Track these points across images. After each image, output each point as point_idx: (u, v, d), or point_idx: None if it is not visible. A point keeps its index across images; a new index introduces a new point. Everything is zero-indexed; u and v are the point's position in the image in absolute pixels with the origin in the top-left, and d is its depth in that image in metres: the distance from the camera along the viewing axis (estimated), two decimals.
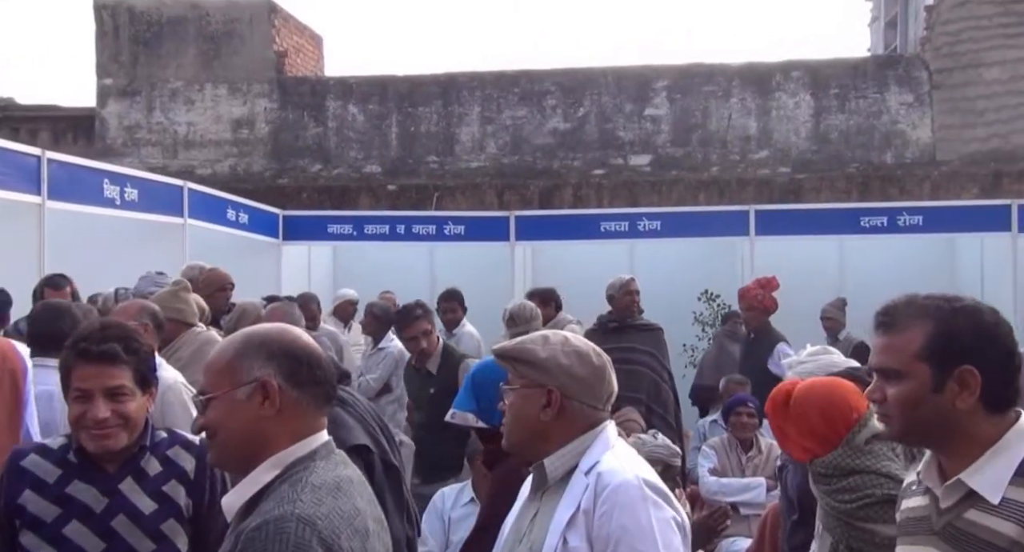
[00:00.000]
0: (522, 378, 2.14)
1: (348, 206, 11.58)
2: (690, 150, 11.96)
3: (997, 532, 1.72)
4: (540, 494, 2.14)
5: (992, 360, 1.78)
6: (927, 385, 1.79)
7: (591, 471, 2.05)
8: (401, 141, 12.45)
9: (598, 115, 12.13)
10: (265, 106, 12.63)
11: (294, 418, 1.78)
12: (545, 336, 2.20)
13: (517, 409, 2.14)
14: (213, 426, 1.81)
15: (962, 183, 11.07)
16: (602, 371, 2.16)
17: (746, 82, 11.90)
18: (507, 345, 2.20)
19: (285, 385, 1.77)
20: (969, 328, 1.80)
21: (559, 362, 2.12)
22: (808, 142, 11.77)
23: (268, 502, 1.71)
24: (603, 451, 2.09)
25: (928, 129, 11.58)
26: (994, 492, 1.74)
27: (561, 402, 2.10)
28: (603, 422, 2.15)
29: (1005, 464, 1.76)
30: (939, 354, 1.79)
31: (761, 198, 10.93)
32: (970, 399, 1.77)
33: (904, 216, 9.44)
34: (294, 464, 1.76)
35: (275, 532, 1.63)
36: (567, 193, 11.62)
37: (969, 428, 1.78)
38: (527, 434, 2.14)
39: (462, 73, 12.53)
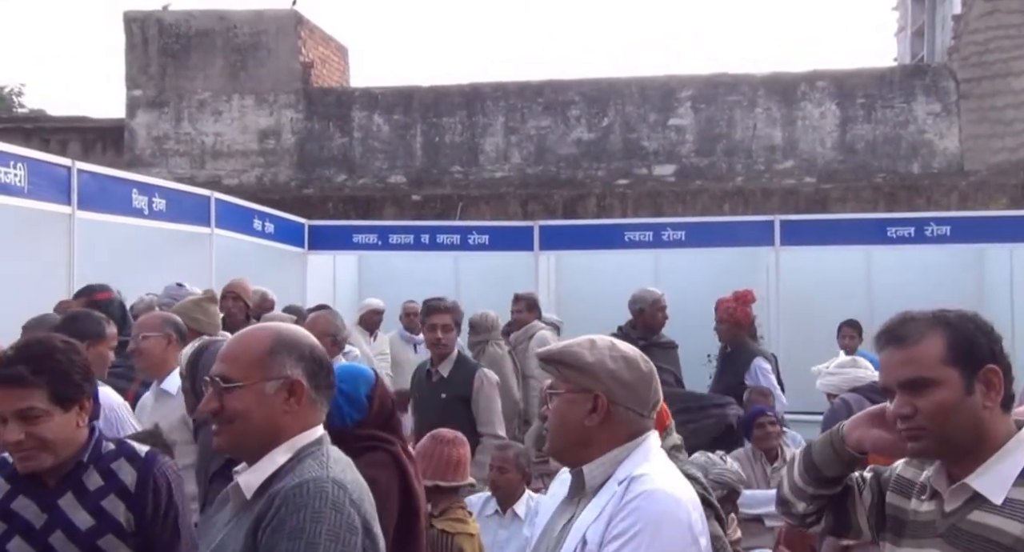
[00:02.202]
0: (567, 382, 2.10)
1: (373, 216, 11.63)
2: (715, 160, 11.92)
3: (1001, 531, 1.75)
4: (577, 500, 2.11)
5: (1002, 359, 1.84)
6: (960, 389, 1.80)
7: (625, 480, 2.01)
8: (426, 151, 12.51)
9: (622, 125, 12.12)
10: (291, 116, 12.73)
11: (307, 415, 1.95)
12: (592, 340, 2.14)
13: (562, 414, 2.11)
14: (232, 413, 1.91)
15: (990, 193, 10.96)
16: (650, 377, 2.14)
17: (771, 91, 11.86)
18: (553, 349, 2.17)
19: (308, 385, 1.94)
20: (980, 331, 1.84)
21: (607, 367, 2.08)
22: (834, 152, 11.71)
23: (298, 470, 1.86)
24: (642, 461, 2.05)
25: (956, 139, 11.48)
26: (998, 493, 1.77)
27: (608, 408, 2.06)
28: (647, 431, 2.12)
29: (1009, 467, 1.79)
30: (964, 356, 1.81)
31: (786, 208, 10.86)
32: (997, 398, 1.81)
33: (932, 226, 9.35)
34: (305, 448, 1.92)
35: (315, 490, 1.80)
36: (591, 203, 11.61)
37: (991, 429, 1.82)
38: (571, 439, 2.10)
39: (486, 83, 12.58)
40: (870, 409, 2.01)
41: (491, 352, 6.20)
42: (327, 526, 1.77)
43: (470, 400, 4.96)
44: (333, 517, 1.79)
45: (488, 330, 6.38)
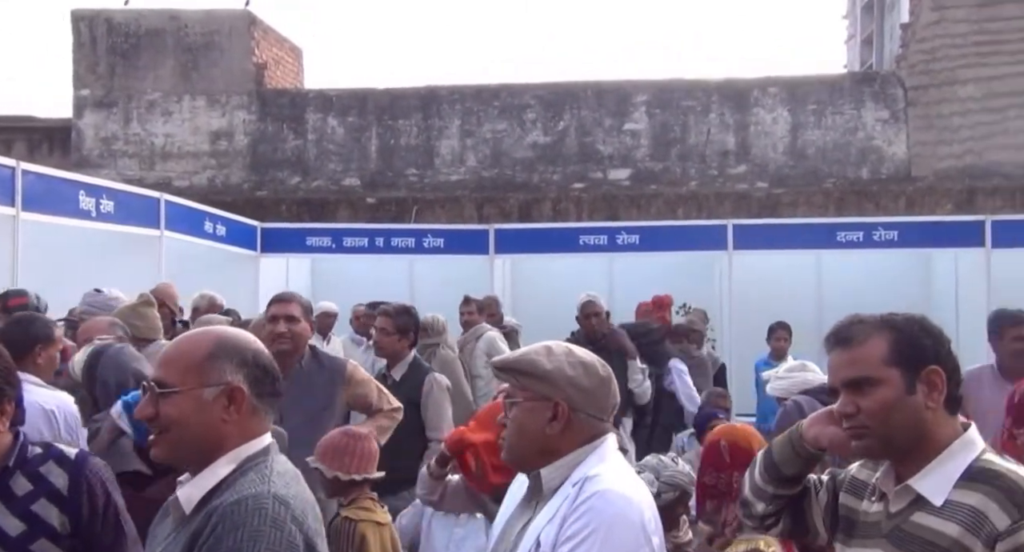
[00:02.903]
0: (526, 390, 2.08)
1: (327, 219, 11.55)
2: (669, 164, 12.02)
3: (940, 533, 1.78)
4: (534, 503, 2.09)
5: (947, 360, 1.87)
6: (901, 389, 1.84)
7: (579, 482, 2.01)
8: (381, 154, 12.45)
9: (578, 129, 12.18)
10: (244, 118, 12.59)
11: (250, 423, 1.85)
12: (548, 347, 2.12)
13: (521, 423, 2.08)
14: (167, 420, 1.81)
15: (937, 199, 11.19)
16: (608, 382, 2.13)
17: (724, 97, 11.99)
18: (509, 357, 2.15)
19: (250, 392, 1.84)
20: (925, 332, 1.88)
21: (566, 373, 2.06)
22: (786, 157, 11.87)
23: (238, 485, 1.77)
24: (597, 463, 2.04)
25: (903, 145, 11.70)
26: (939, 495, 1.81)
27: (568, 415, 2.05)
28: (605, 434, 2.11)
29: (951, 470, 1.82)
30: (906, 357, 1.85)
31: (739, 212, 10.99)
32: (939, 398, 1.84)
33: (880, 231, 9.52)
34: (250, 459, 1.82)
35: (254, 507, 1.71)
36: (546, 206, 11.64)
37: (934, 429, 1.85)
38: (532, 448, 2.07)
39: (442, 86, 12.56)
40: (829, 407, 2.03)
41: (441, 355, 6.18)
42: (265, 545, 1.68)
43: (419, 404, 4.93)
44: (272, 535, 1.70)
45: (438, 334, 6.36)
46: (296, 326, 4.08)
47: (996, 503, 1.75)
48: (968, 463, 1.82)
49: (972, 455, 1.84)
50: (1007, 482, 1.77)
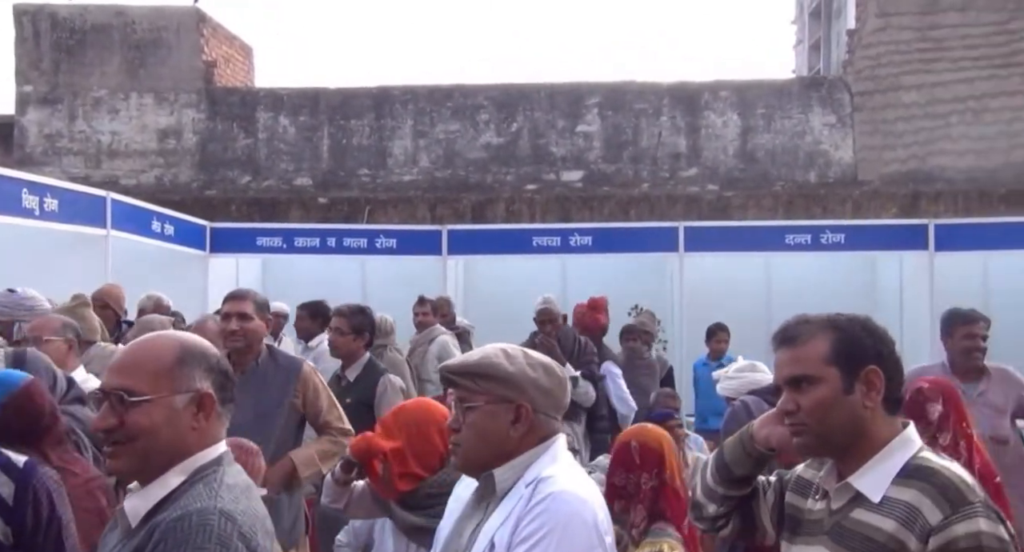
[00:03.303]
0: (487, 394, 2.06)
1: (278, 218, 11.43)
2: (621, 166, 12.11)
3: (877, 528, 1.84)
4: (485, 504, 2.08)
5: (888, 361, 1.92)
6: (839, 387, 1.90)
7: (532, 482, 2.01)
8: (333, 154, 12.36)
9: (531, 130, 12.21)
10: (193, 116, 12.42)
11: (212, 428, 1.80)
12: (503, 350, 2.12)
13: (483, 427, 2.05)
14: (136, 430, 1.73)
15: (882, 203, 11.41)
16: (564, 382, 2.15)
17: (676, 100, 12.11)
18: (469, 361, 2.11)
19: (216, 398, 1.80)
20: (867, 333, 1.93)
21: (528, 375, 2.07)
22: (736, 160, 12.02)
23: (184, 499, 1.70)
24: (549, 463, 2.05)
25: (850, 149, 11.92)
26: (876, 492, 1.86)
27: (530, 416, 2.06)
28: (556, 433, 2.12)
29: (888, 467, 1.88)
30: (845, 357, 1.90)
31: (690, 215, 11.10)
32: (877, 398, 1.90)
33: (827, 234, 9.68)
34: (200, 469, 1.76)
35: (198, 523, 1.64)
36: (500, 208, 11.65)
37: (872, 429, 1.90)
38: (494, 452, 2.05)
39: (395, 86, 12.51)
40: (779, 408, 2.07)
41: (389, 357, 6.15)
42: None
43: (372, 405, 4.90)
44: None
45: (386, 335, 6.33)
46: (249, 324, 4.01)
47: (930, 499, 1.81)
48: (905, 461, 1.87)
49: (909, 453, 1.89)
50: (941, 479, 1.83)
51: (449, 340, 7.12)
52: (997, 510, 1.81)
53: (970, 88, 11.70)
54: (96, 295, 5.60)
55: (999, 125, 11.68)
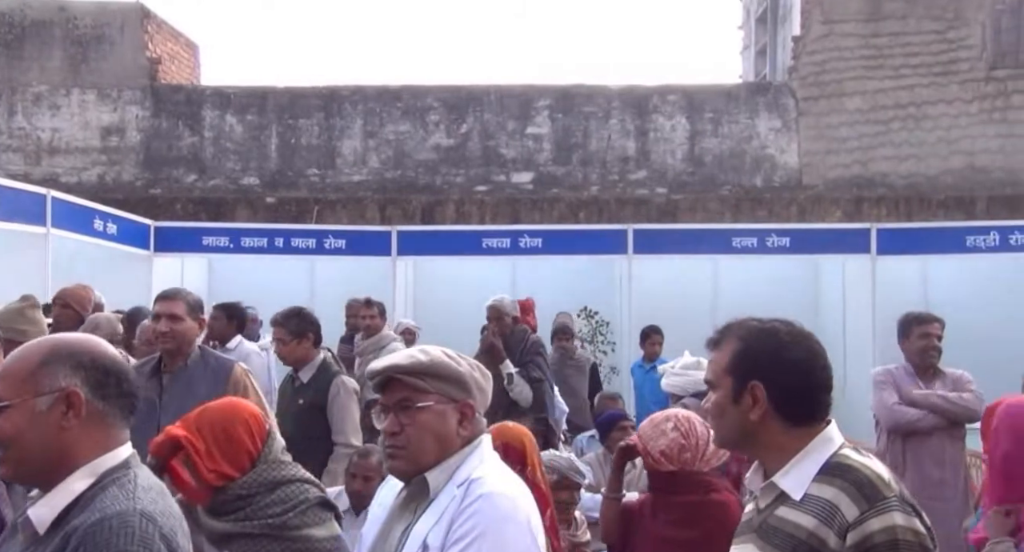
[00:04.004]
0: (437, 394, 2.06)
1: (225, 218, 11.27)
2: (571, 169, 12.16)
3: (799, 525, 1.89)
4: (415, 506, 2.07)
5: (781, 378, 1.96)
6: (729, 396, 2.00)
7: (464, 483, 2.02)
8: (281, 153, 12.22)
9: (481, 132, 12.21)
10: (137, 113, 12.20)
11: (99, 430, 1.74)
12: (443, 351, 2.13)
13: (432, 427, 2.05)
14: (4, 438, 1.70)
15: (826, 207, 11.62)
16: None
17: (625, 104, 12.20)
18: (423, 360, 2.09)
19: (91, 396, 1.73)
20: (763, 348, 1.99)
21: (474, 375, 2.10)
22: (684, 164, 12.15)
23: (98, 502, 1.67)
24: (479, 464, 2.06)
25: (795, 154, 12.12)
26: (798, 490, 1.92)
27: (474, 416, 2.09)
28: (483, 432, 2.14)
29: (810, 466, 1.93)
30: (739, 368, 1.98)
31: (639, 217, 11.19)
32: (759, 411, 1.96)
33: (773, 237, 9.81)
34: (109, 472, 1.73)
35: (119, 526, 1.62)
36: (449, 209, 11.63)
37: (765, 437, 1.97)
38: (440, 452, 2.05)
39: (344, 86, 12.42)
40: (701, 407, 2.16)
41: None
42: None
43: (326, 407, 4.85)
44: None
45: None
46: (179, 325, 3.92)
47: (847, 495, 1.86)
48: (826, 459, 1.93)
49: (829, 451, 1.94)
50: (858, 475, 1.88)
51: (401, 347, 6.99)
52: (913, 504, 1.87)
53: (910, 95, 11.97)
54: (58, 295, 5.53)
55: (938, 132, 11.97)
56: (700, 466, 3.14)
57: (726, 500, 3.10)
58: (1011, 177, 11.83)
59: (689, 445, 3.13)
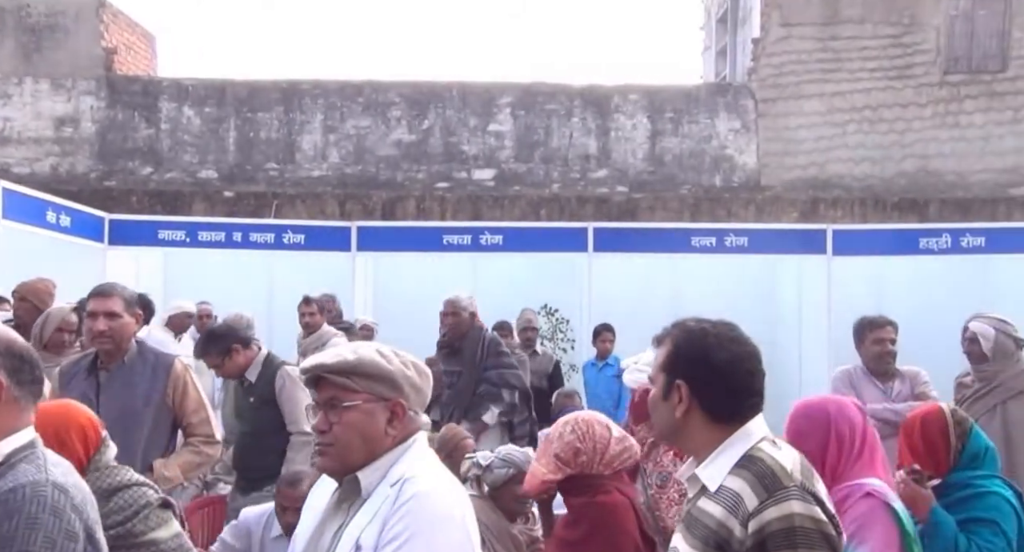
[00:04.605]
0: (366, 392, 2.04)
1: (181, 211, 11.12)
2: (532, 166, 12.18)
3: (711, 515, 1.99)
4: (347, 506, 2.05)
5: (703, 378, 2.06)
6: (660, 392, 2.12)
7: (397, 482, 2.00)
8: (239, 147, 12.09)
9: (443, 128, 12.17)
10: (92, 104, 11.99)
11: (11, 414, 1.83)
12: (376, 348, 2.11)
13: (362, 426, 2.03)
14: None
15: (783, 207, 11.76)
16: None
17: (587, 102, 12.24)
18: (351, 359, 2.06)
19: (8, 382, 1.83)
20: (690, 349, 2.10)
21: (405, 373, 2.08)
22: (644, 163, 12.22)
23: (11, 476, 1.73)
24: (413, 462, 2.05)
25: (754, 155, 12.25)
26: (715, 482, 2.02)
27: (405, 414, 2.07)
28: (419, 430, 2.12)
29: (727, 459, 2.02)
30: (668, 367, 2.11)
31: (600, 216, 11.24)
32: (682, 408, 2.07)
33: (731, 237, 9.90)
34: (16, 452, 1.81)
35: (32, 494, 1.69)
36: (410, 205, 11.58)
37: (690, 433, 2.08)
38: (369, 452, 2.04)
39: (305, 80, 12.31)
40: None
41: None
42: (43, 534, 1.66)
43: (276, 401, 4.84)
44: (51, 523, 1.68)
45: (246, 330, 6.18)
46: (116, 322, 3.85)
47: (750, 486, 1.94)
48: (743, 452, 2.01)
49: (748, 445, 2.03)
50: (762, 467, 1.96)
51: (342, 342, 6.94)
52: (815, 493, 1.94)
53: (866, 98, 12.16)
54: (16, 288, 5.48)
55: (893, 135, 12.17)
56: (600, 469, 3.16)
57: (612, 501, 3.13)
58: (963, 180, 12.07)
59: (585, 448, 3.15)
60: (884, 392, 4.99)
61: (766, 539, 1.88)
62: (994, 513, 3.06)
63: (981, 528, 3.05)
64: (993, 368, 4.84)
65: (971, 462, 3.21)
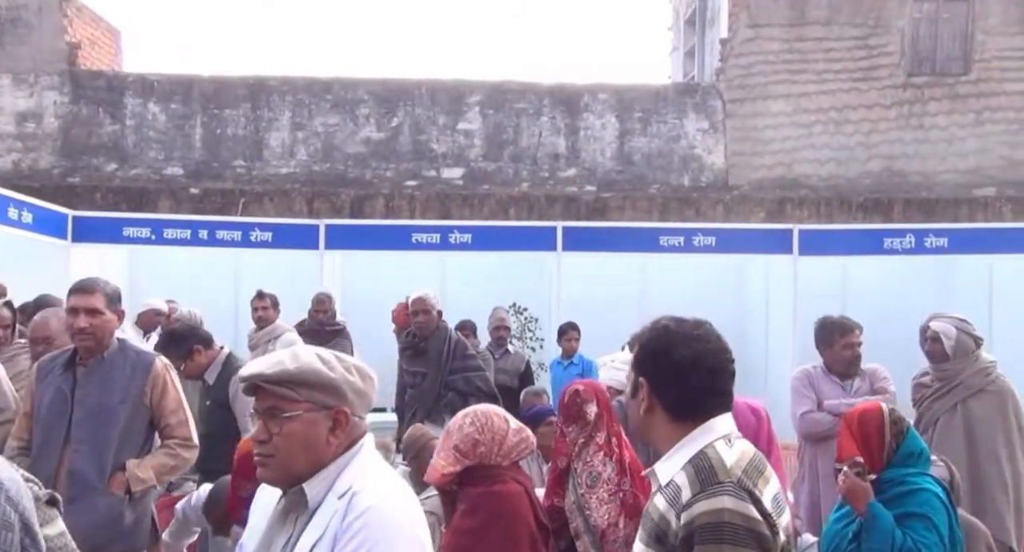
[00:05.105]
0: (307, 401, 1.95)
1: (147, 209, 10.99)
2: (502, 165, 12.17)
3: (657, 508, 2.02)
4: (294, 518, 1.98)
5: (662, 377, 2.09)
6: (630, 390, 2.16)
7: (345, 494, 1.93)
8: (206, 143, 11.97)
9: (412, 126, 12.13)
10: (55, 99, 11.82)
11: None
12: (317, 354, 2.02)
13: (304, 436, 1.95)
14: None
15: (750, 207, 11.85)
16: (374, 381, 2.08)
17: (556, 101, 12.25)
18: (289, 368, 1.96)
19: None
20: (652, 347, 2.13)
21: (348, 379, 2.00)
22: (613, 162, 12.26)
23: None
24: (361, 471, 1.98)
25: (722, 155, 12.33)
26: (665, 477, 2.04)
27: (349, 421, 1.99)
28: (364, 435, 2.05)
29: (683, 455, 2.03)
30: (636, 365, 2.16)
31: (568, 215, 11.26)
32: (644, 406, 2.11)
33: (699, 237, 9.96)
34: None
35: None
36: (379, 203, 11.54)
37: (654, 429, 2.11)
38: (312, 462, 1.96)
39: (272, 77, 12.22)
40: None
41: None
42: None
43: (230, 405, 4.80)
44: None
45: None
46: (98, 319, 3.77)
47: (688, 479, 1.96)
48: (699, 449, 2.02)
49: (705, 442, 2.03)
50: (702, 461, 1.98)
51: (294, 338, 6.82)
52: (752, 491, 1.93)
53: (832, 100, 12.28)
54: None
55: (858, 136, 12.31)
56: (498, 459, 3.28)
57: (509, 490, 3.26)
58: (926, 181, 12.23)
59: (483, 440, 3.26)
60: (844, 390, 5.05)
61: (694, 532, 1.89)
62: (927, 509, 3.16)
63: (915, 523, 3.15)
64: (954, 367, 4.91)
65: (904, 461, 3.31)
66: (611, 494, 3.75)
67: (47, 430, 3.73)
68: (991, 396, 4.83)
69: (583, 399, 3.79)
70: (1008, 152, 12.27)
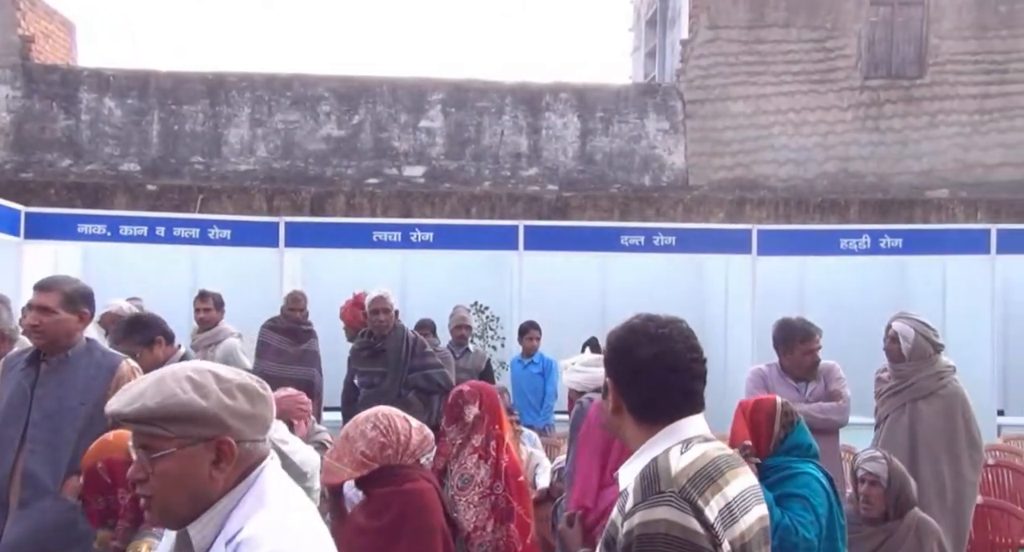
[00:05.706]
0: (180, 438, 1.71)
1: (102, 205, 10.81)
2: (463, 164, 12.16)
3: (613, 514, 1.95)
4: None
5: (625, 377, 2.04)
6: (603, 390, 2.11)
7: (233, 540, 1.68)
8: (163, 139, 11.81)
9: (373, 124, 12.07)
10: (7, 93, 11.59)
11: None
12: (189, 379, 1.75)
13: (180, 475, 1.71)
14: None
15: (710, 207, 11.95)
16: (267, 397, 1.83)
17: (518, 100, 12.26)
18: (149, 405, 1.71)
19: None
20: (617, 347, 2.08)
21: (226, 405, 1.74)
22: (575, 162, 12.30)
23: None
24: (255, 508, 1.73)
25: (682, 155, 12.42)
26: (624, 482, 1.98)
27: (235, 450, 1.74)
28: (263, 459, 1.80)
29: (644, 459, 1.97)
30: (606, 366, 2.10)
31: (530, 214, 11.28)
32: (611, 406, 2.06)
33: (660, 236, 10.03)
34: None
35: None
36: (340, 201, 11.46)
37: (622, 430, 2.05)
38: (197, 500, 1.73)
39: (231, 72, 12.08)
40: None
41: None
42: None
43: None
44: None
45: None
46: (48, 317, 3.67)
47: (634, 487, 1.91)
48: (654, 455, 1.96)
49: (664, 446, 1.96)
50: (649, 469, 1.91)
51: (237, 344, 6.67)
52: (695, 502, 1.83)
53: (790, 101, 12.43)
54: None
55: (815, 138, 12.47)
56: (405, 459, 3.34)
57: (420, 488, 3.31)
58: (882, 183, 12.43)
59: (389, 442, 3.30)
60: (799, 391, 5.09)
61: (632, 542, 1.82)
62: (805, 490, 3.34)
63: (793, 503, 3.31)
64: (909, 368, 4.99)
65: (790, 452, 3.49)
66: (482, 497, 3.78)
67: (3, 427, 3.65)
68: (940, 400, 4.92)
69: (464, 401, 3.82)
70: (961, 154, 12.51)
